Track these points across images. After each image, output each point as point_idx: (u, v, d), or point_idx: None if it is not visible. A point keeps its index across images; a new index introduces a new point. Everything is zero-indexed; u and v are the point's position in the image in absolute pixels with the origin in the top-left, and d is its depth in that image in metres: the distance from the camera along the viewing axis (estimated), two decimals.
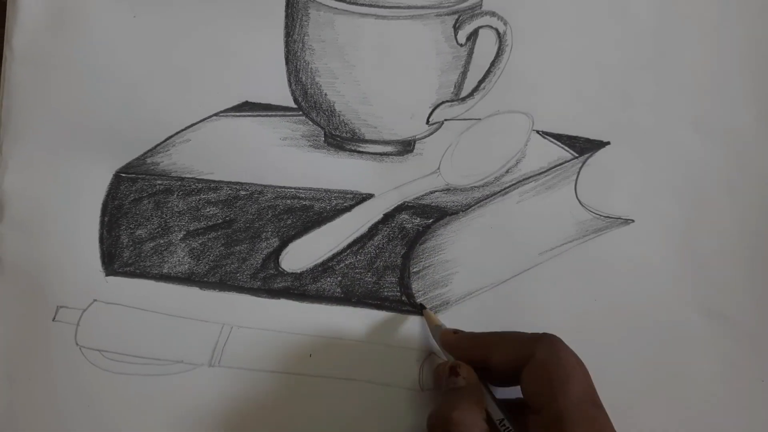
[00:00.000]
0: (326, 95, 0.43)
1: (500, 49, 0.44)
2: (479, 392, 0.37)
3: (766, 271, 0.44)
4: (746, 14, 0.45)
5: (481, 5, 0.44)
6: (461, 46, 0.43)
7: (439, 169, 0.44)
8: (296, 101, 0.44)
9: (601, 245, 0.44)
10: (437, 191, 0.44)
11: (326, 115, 0.44)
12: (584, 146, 0.45)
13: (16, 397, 0.42)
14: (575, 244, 0.44)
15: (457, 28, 0.43)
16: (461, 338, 0.40)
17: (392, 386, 0.43)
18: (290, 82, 0.44)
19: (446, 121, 0.45)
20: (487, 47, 0.44)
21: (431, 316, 0.42)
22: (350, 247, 0.43)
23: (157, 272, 0.43)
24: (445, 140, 0.44)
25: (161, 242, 0.43)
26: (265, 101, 0.44)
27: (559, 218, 0.44)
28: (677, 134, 0.45)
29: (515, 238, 0.44)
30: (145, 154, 0.44)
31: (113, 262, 0.43)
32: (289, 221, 0.43)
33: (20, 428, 0.42)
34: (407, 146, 0.45)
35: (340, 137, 0.45)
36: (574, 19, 0.45)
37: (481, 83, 0.44)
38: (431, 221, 0.43)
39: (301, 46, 0.43)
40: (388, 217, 0.43)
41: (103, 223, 0.43)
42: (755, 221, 0.45)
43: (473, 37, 0.43)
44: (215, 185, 0.43)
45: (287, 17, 0.43)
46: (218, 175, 0.44)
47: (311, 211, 0.43)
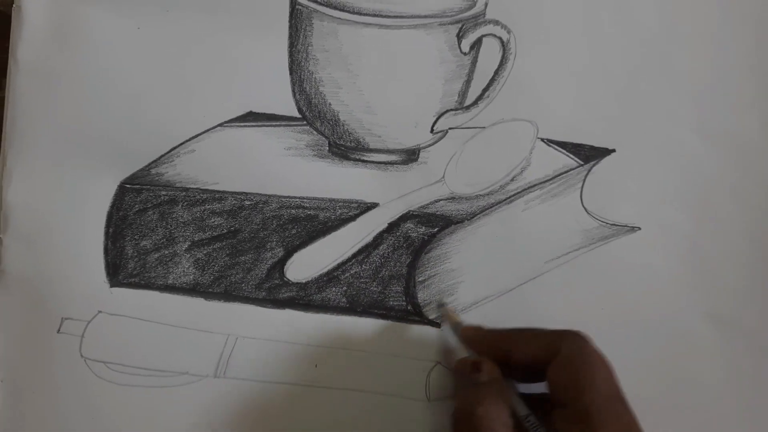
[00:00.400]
0: (330, 105, 0.43)
1: (504, 57, 0.44)
2: (502, 388, 0.37)
3: None
4: (750, 20, 0.45)
5: (484, 14, 0.44)
6: (465, 54, 0.43)
7: (443, 177, 0.44)
8: (300, 111, 0.44)
9: (607, 253, 0.44)
10: (442, 200, 0.44)
11: (330, 124, 0.44)
12: (589, 154, 0.45)
13: (20, 408, 0.42)
14: (581, 252, 0.44)
15: (460, 36, 0.43)
16: (483, 334, 0.40)
17: (399, 397, 0.42)
18: (294, 91, 0.44)
19: (450, 129, 0.44)
20: (490, 56, 0.44)
21: (451, 313, 0.42)
22: (355, 256, 0.43)
23: (161, 283, 0.43)
24: (449, 149, 0.44)
25: (166, 253, 0.43)
26: (269, 111, 0.44)
27: (564, 226, 0.44)
28: (682, 141, 0.45)
29: (521, 246, 0.44)
30: (149, 164, 0.44)
31: (118, 273, 0.43)
32: (293, 231, 0.43)
33: None
34: (412, 155, 0.45)
35: (344, 146, 0.45)
36: (577, 26, 0.45)
37: (485, 92, 0.44)
38: (436, 230, 0.43)
39: (304, 55, 0.43)
40: (393, 226, 0.43)
41: (107, 234, 0.43)
42: (761, 227, 0.44)
43: (477, 45, 0.43)
44: (220, 195, 0.43)
45: (291, 27, 0.43)
46: (223, 185, 0.43)
47: (316, 220, 0.43)
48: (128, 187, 0.43)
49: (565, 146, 0.45)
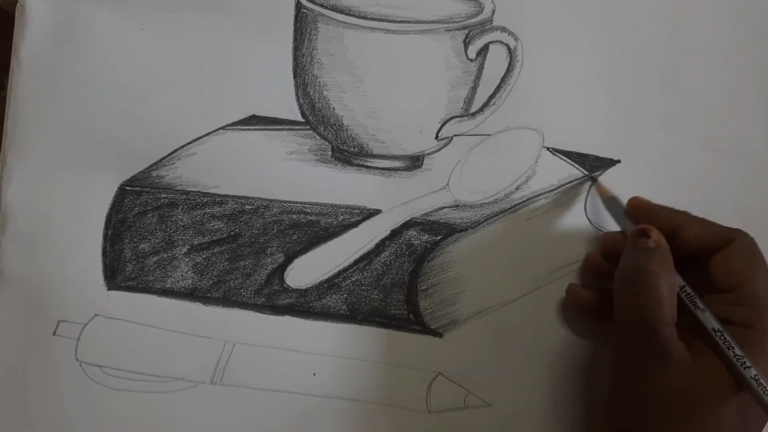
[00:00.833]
0: (334, 109, 0.43)
1: (511, 64, 0.43)
2: (669, 256, 0.37)
3: None
4: (757, 32, 0.45)
5: (491, 21, 0.43)
6: (471, 61, 0.43)
7: (448, 185, 0.44)
8: (304, 115, 0.44)
9: None
10: (446, 207, 0.43)
11: (334, 129, 0.44)
12: (594, 164, 0.44)
13: (15, 411, 0.41)
14: None
15: (467, 43, 0.42)
16: (653, 206, 0.40)
17: (398, 407, 0.42)
18: (298, 95, 0.44)
19: (455, 136, 0.44)
20: (497, 63, 0.43)
21: (604, 186, 0.42)
22: (357, 263, 0.43)
23: (159, 287, 0.43)
24: (454, 156, 0.44)
25: (165, 256, 0.43)
26: (272, 115, 0.44)
27: (569, 236, 0.44)
28: (688, 152, 0.45)
29: (525, 256, 0.43)
30: (150, 167, 0.43)
31: (116, 276, 0.43)
32: (294, 236, 0.43)
33: None
34: (416, 161, 0.45)
35: (347, 152, 0.44)
36: (585, 35, 0.45)
37: (491, 99, 0.44)
38: (439, 238, 0.42)
39: (309, 59, 0.43)
40: (395, 233, 0.43)
41: (106, 236, 0.43)
42: (766, 239, 0.44)
43: (483, 52, 0.43)
44: (220, 199, 0.43)
45: (296, 31, 0.43)
46: (224, 189, 0.43)
47: (317, 226, 0.43)
48: (128, 189, 0.43)
49: (570, 156, 0.44)
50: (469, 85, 0.43)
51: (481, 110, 0.44)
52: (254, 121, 0.44)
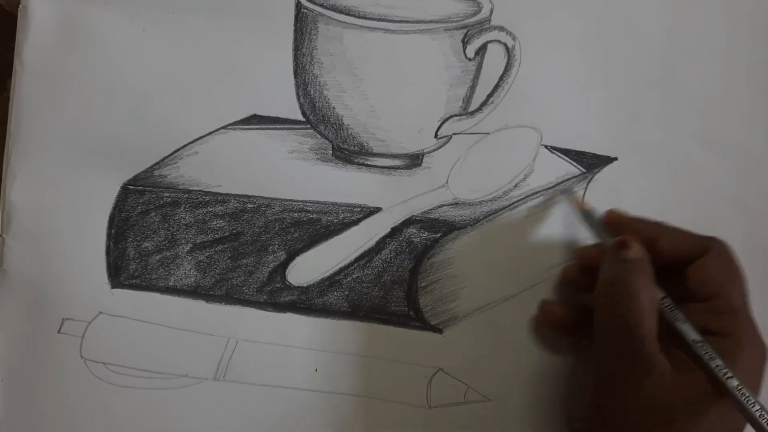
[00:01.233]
0: (334, 109, 0.43)
1: (509, 63, 0.44)
2: (650, 268, 0.37)
3: None
4: (755, 31, 0.45)
5: (489, 20, 0.44)
6: (470, 60, 0.43)
7: (447, 183, 0.44)
8: (304, 114, 0.44)
9: None
10: (445, 205, 0.44)
11: (334, 128, 0.44)
12: (592, 162, 0.45)
13: (19, 409, 0.42)
14: None
15: (465, 42, 0.43)
16: (630, 219, 0.40)
17: (399, 403, 0.42)
18: (298, 95, 0.44)
19: (454, 135, 0.44)
20: (495, 62, 0.44)
21: (579, 200, 0.42)
22: (357, 261, 0.43)
23: (163, 285, 0.43)
24: (453, 154, 0.44)
25: (168, 255, 0.43)
26: (273, 114, 0.44)
27: (567, 233, 0.44)
28: (685, 151, 0.45)
29: (523, 253, 0.44)
30: (152, 166, 0.44)
31: (119, 274, 0.43)
32: (296, 234, 0.43)
33: None
34: (415, 160, 0.45)
35: (348, 150, 0.45)
36: (582, 34, 0.45)
37: (489, 97, 0.44)
38: (439, 235, 0.43)
39: (309, 59, 0.43)
40: (395, 231, 0.43)
41: (109, 235, 0.43)
42: (763, 238, 0.44)
43: (482, 51, 0.43)
44: (222, 198, 0.43)
45: (296, 31, 0.43)
46: (226, 187, 0.43)
47: (318, 224, 0.43)
48: (131, 188, 0.43)
49: (567, 153, 0.45)
50: (467, 84, 0.44)
51: (479, 109, 0.44)
52: (255, 120, 0.44)
